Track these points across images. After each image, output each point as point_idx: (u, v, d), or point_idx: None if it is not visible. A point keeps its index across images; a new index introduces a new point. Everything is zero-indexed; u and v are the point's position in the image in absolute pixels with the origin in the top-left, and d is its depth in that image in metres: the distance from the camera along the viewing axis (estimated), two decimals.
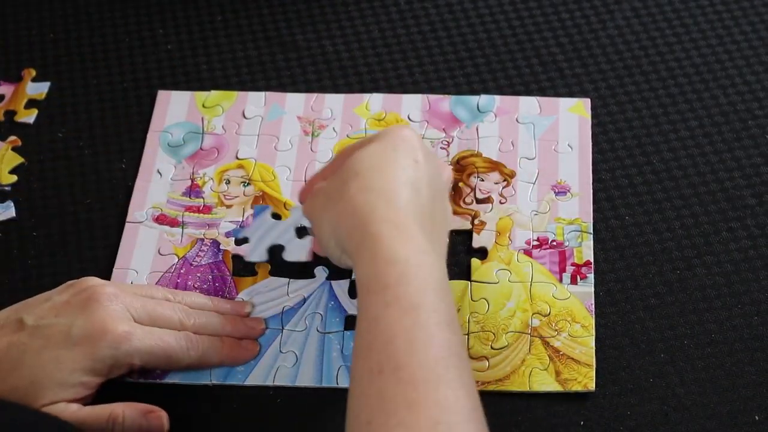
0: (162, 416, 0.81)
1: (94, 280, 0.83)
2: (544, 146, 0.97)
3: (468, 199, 0.95)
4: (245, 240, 0.93)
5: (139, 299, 0.83)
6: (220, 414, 0.84)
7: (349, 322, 0.87)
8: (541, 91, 1.01)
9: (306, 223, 0.92)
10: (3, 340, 0.80)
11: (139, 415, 0.80)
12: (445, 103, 1.01)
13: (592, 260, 0.90)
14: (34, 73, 1.05)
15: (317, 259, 0.91)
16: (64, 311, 0.81)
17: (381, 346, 0.71)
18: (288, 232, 0.93)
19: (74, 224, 0.95)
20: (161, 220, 0.94)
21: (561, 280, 0.89)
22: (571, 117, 0.99)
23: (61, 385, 0.79)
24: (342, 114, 1.01)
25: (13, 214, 0.95)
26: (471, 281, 0.89)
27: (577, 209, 0.93)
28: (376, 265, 0.74)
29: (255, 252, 0.92)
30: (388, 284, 0.73)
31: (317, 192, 0.83)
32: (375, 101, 1.01)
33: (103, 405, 0.80)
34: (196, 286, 0.90)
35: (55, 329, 0.80)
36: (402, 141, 0.81)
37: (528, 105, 1.00)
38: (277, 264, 0.91)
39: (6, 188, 0.97)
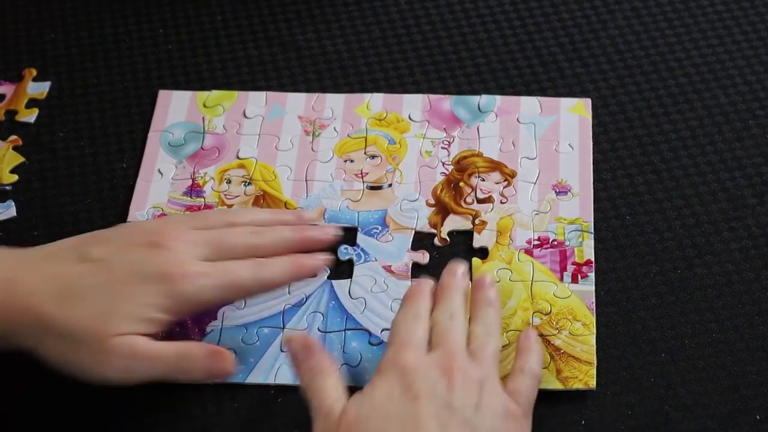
0: (228, 359, 0.80)
1: (154, 222, 0.84)
2: (545, 146, 0.97)
3: (469, 199, 0.95)
4: None
5: (204, 234, 0.82)
6: (221, 413, 0.84)
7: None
8: (542, 91, 1.01)
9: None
10: (69, 269, 0.79)
11: (207, 354, 0.79)
12: (446, 102, 1.01)
13: (593, 260, 0.90)
14: (34, 72, 1.05)
15: None
16: (130, 251, 0.80)
17: None
18: None
19: (74, 224, 0.95)
20: None
21: (562, 279, 0.89)
22: (572, 117, 0.99)
23: (133, 317, 0.78)
24: (343, 114, 1.01)
25: (14, 214, 0.95)
26: (472, 281, 0.89)
27: (577, 209, 0.93)
28: None
29: None
30: None
31: (320, 419, 0.75)
32: (376, 101, 1.01)
33: (173, 341, 0.79)
34: None
35: (122, 266, 0.79)
36: (406, 377, 0.75)
37: (529, 105, 1.00)
38: None
39: (7, 188, 0.97)
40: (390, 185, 0.96)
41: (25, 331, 0.78)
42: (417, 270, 0.91)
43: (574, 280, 0.89)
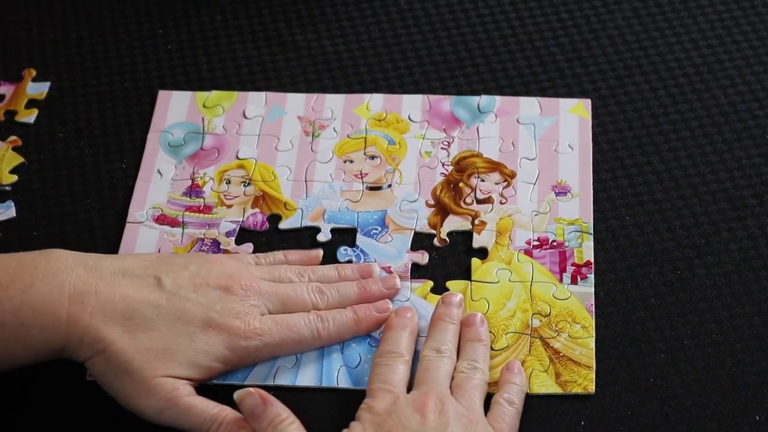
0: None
1: (229, 263, 0.85)
2: (545, 147, 0.97)
3: (468, 200, 0.95)
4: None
5: (272, 287, 0.84)
6: None
7: None
8: (542, 92, 1.01)
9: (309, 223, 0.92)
10: (141, 293, 0.81)
11: (236, 425, 0.79)
12: (446, 103, 1.01)
13: (592, 260, 0.90)
14: (34, 73, 1.05)
15: None
16: (202, 290, 0.82)
17: None
18: None
19: (74, 224, 0.95)
20: (161, 220, 0.94)
21: (561, 280, 0.89)
22: (572, 117, 0.99)
23: (191, 363, 0.80)
24: (342, 114, 1.01)
25: (14, 214, 0.95)
26: (471, 281, 0.89)
27: (577, 209, 0.93)
28: None
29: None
30: None
31: None
32: (375, 101, 1.01)
33: (210, 401, 0.80)
34: None
35: (192, 306, 0.81)
36: (379, 420, 0.77)
37: (528, 105, 1.00)
38: None
39: (6, 188, 0.97)
40: (389, 186, 0.96)
41: (83, 347, 0.80)
42: (416, 270, 0.91)
43: (574, 281, 0.89)
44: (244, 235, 0.93)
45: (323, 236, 0.93)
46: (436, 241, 0.92)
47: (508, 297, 0.88)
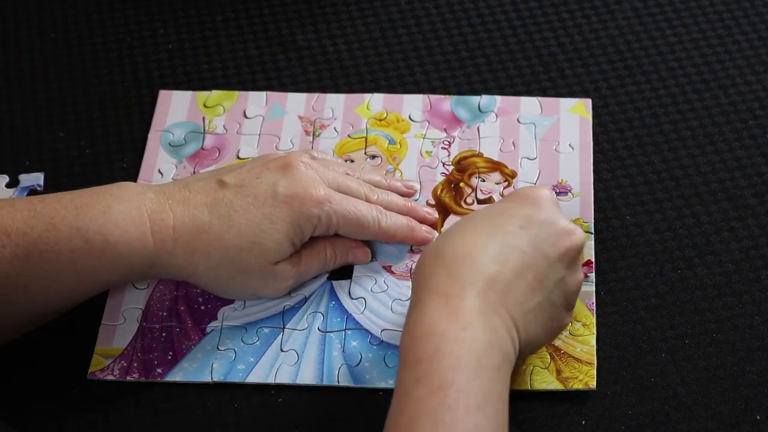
0: (366, 251, 0.89)
1: (285, 155, 0.87)
2: (545, 146, 0.97)
3: (469, 200, 0.95)
4: None
5: (329, 170, 0.87)
6: (221, 413, 0.83)
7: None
8: (542, 91, 1.01)
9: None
10: (209, 197, 0.83)
11: (346, 250, 0.88)
12: (447, 103, 1.01)
13: (593, 260, 0.90)
14: None
15: None
16: (265, 174, 0.85)
17: (405, 424, 0.69)
18: None
19: None
20: None
21: None
22: (572, 117, 0.99)
23: (280, 245, 0.83)
24: (343, 114, 1.01)
25: (41, 183, 0.96)
26: None
27: (578, 209, 0.93)
28: (414, 337, 0.72)
29: None
30: (421, 359, 0.71)
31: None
32: (376, 101, 1.01)
33: (311, 250, 0.87)
34: None
35: (259, 188, 0.84)
36: (525, 203, 0.79)
37: (529, 105, 1.00)
38: None
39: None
40: None
41: (173, 261, 0.82)
42: None
43: None
44: None
45: None
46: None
47: None
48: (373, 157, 0.98)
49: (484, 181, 0.96)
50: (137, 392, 0.84)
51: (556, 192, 0.94)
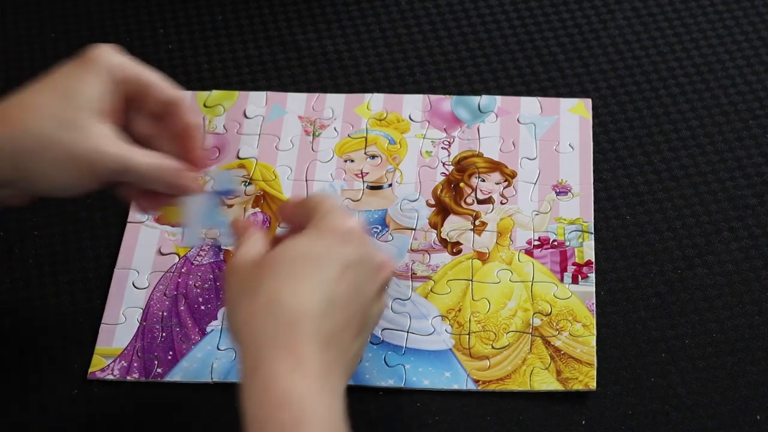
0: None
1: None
2: (545, 146, 0.97)
3: (469, 200, 0.95)
4: None
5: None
6: (221, 412, 0.84)
7: None
8: (542, 91, 1.01)
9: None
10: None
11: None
12: (447, 103, 1.01)
13: (593, 260, 0.90)
14: None
15: None
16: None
17: None
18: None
19: (75, 224, 0.95)
20: (162, 219, 0.94)
21: (562, 280, 0.89)
22: (572, 117, 0.99)
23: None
24: (343, 114, 1.01)
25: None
26: (472, 281, 0.89)
27: (578, 209, 0.93)
28: (269, 404, 0.68)
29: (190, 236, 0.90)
30: (285, 424, 0.67)
31: (236, 269, 0.74)
32: (376, 101, 1.01)
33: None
34: (197, 285, 0.90)
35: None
36: (337, 241, 0.73)
37: (529, 105, 1.00)
38: None
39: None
40: (390, 185, 0.96)
41: None
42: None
43: (575, 280, 0.89)
44: None
45: None
46: (435, 240, 0.92)
47: (509, 297, 0.88)
48: (373, 156, 0.98)
49: (484, 181, 0.96)
50: (137, 392, 0.84)
51: (556, 192, 0.94)
